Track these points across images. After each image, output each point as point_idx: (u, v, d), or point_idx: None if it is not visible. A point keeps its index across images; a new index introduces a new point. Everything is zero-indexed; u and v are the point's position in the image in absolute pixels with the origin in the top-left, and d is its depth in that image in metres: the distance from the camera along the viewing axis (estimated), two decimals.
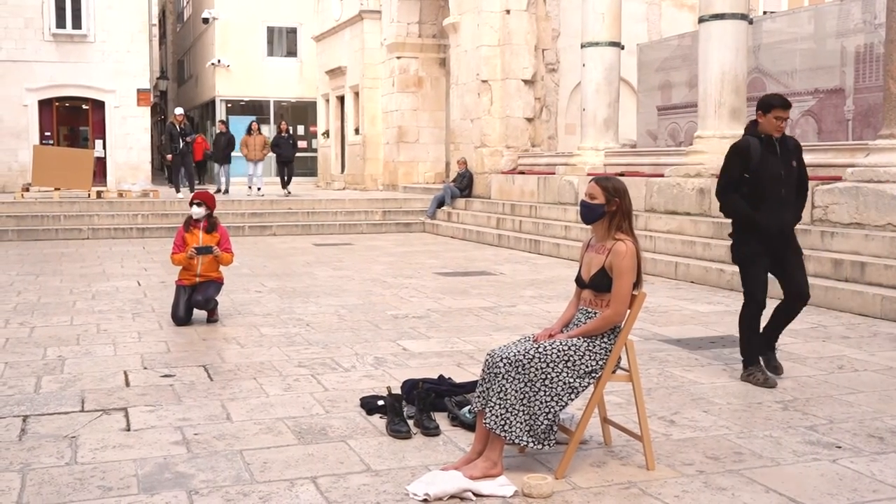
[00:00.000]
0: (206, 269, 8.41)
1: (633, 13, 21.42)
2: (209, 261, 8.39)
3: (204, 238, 8.34)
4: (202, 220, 8.38)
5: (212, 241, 8.35)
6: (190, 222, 8.42)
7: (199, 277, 8.39)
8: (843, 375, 6.28)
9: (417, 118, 25.05)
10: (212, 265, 8.44)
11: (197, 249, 8.26)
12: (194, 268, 8.37)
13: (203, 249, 8.28)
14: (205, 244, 8.31)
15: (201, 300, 8.31)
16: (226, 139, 24.01)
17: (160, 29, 50.34)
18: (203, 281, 8.40)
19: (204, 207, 8.35)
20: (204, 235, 8.35)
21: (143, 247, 16.05)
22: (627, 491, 4.05)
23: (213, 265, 8.46)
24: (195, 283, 8.38)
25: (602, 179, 4.53)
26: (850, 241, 10.06)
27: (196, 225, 8.37)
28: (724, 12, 13.11)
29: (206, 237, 8.35)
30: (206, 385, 6.01)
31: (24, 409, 5.39)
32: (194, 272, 8.38)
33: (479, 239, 17.25)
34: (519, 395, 4.20)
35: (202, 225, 8.37)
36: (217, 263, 8.46)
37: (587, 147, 16.91)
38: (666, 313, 8.91)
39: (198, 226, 8.37)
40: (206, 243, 8.33)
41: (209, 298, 8.37)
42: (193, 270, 8.38)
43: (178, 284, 8.44)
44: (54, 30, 27.11)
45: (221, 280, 8.64)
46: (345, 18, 28.30)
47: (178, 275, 8.51)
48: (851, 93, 14.05)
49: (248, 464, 4.40)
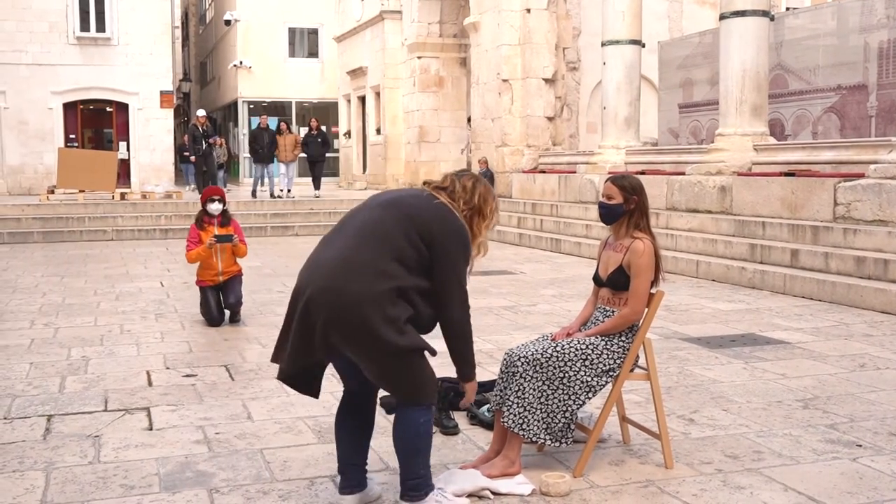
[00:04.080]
0: (227, 264, 8.42)
1: (653, 11, 21.33)
2: (227, 255, 8.41)
3: (219, 232, 8.37)
4: (217, 216, 8.43)
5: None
6: (203, 219, 8.41)
7: (223, 275, 8.40)
8: (865, 374, 6.25)
9: (438, 118, 25.06)
10: (230, 259, 8.45)
11: (217, 238, 8.27)
12: (215, 266, 8.37)
13: (223, 238, 8.29)
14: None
15: (234, 302, 8.37)
16: (269, 136, 22.49)
17: (183, 31, 50.59)
18: (227, 279, 8.42)
19: (221, 203, 8.39)
20: (218, 230, 8.39)
21: (166, 248, 16.16)
22: (645, 489, 4.06)
23: (231, 259, 8.47)
24: (219, 282, 8.41)
25: (618, 178, 4.53)
26: (874, 238, 9.99)
27: (210, 221, 8.38)
28: (746, 9, 13.06)
29: (220, 231, 8.39)
30: (227, 385, 6.06)
31: (48, 408, 5.46)
32: (216, 270, 8.37)
33: (501, 238, 17.25)
34: (537, 393, 4.22)
35: (216, 220, 8.41)
36: (234, 257, 8.49)
37: (608, 145, 16.88)
38: (687, 311, 8.89)
39: (212, 222, 8.38)
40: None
41: (239, 299, 8.43)
42: (215, 269, 8.38)
43: (201, 286, 8.45)
44: (78, 33, 27.33)
45: (241, 272, 8.66)
46: (366, 19, 28.37)
47: (198, 275, 8.50)
48: (875, 89, 13.93)
49: (268, 462, 4.44)
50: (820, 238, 10.69)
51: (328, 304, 3.50)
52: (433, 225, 3.61)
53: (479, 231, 3.86)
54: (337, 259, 3.57)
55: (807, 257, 10.30)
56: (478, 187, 3.86)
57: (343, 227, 3.74)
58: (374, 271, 3.50)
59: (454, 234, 3.66)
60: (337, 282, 3.50)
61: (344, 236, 3.66)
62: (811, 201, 11.38)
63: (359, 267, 3.51)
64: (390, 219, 3.62)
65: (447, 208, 3.71)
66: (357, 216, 3.74)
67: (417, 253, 3.57)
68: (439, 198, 3.74)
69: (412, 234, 3.58)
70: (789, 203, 11.74)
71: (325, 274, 3.56)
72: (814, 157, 12.16)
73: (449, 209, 3.71)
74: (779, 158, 12.71)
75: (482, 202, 3.84)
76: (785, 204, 11.81)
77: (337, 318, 3.49)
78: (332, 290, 3.49)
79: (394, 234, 3.58)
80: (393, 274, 3.51)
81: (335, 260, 3.57)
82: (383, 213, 3.65)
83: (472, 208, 3.82)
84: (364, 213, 3.72)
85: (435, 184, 3.86)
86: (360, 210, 3.78)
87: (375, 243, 3.56)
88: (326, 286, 3.51)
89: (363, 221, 3.67)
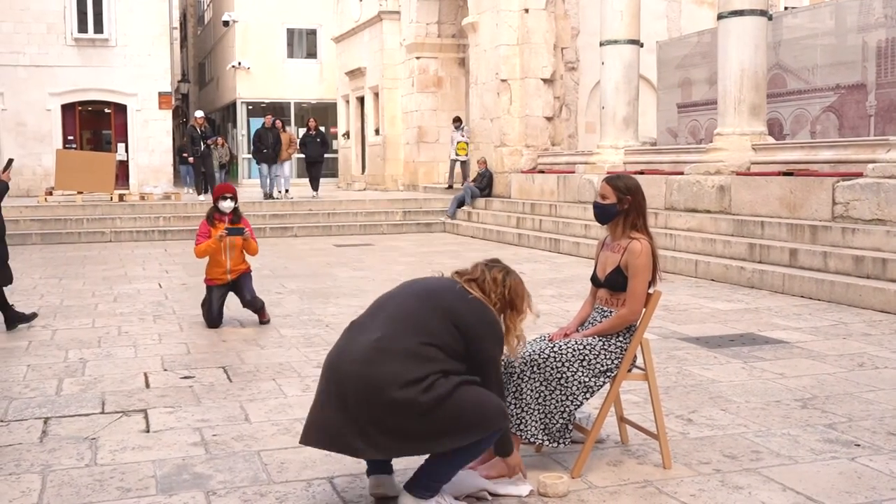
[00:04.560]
0: (235, 262, 8.37)
1: (652, 10, 21.34)
2: (237, 253, 8.36)
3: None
4: (228, 214, 8.37)
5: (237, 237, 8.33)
6: (214, 216, 8.36)
7: (231, 273, 8.36)
8: (864, 373, 6.24)
9: (437, 118, 25.05)
10: (239, 257, 8.40)
11: (228, 230, 8.21)
12: (223, 263, 8.32)
13: (234, 230, 8.24)
14: (232, 238, 8.25)
15: (249, 299, 8.31)
16: (273, 135, 21.91)
17: (181, 32, 50.62)
18: (236, 277, 8.37)
19: (232, 201, 8.35)
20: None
21: (164, 249, 16.15)
22: (643, 490, 4.05)
23: (241, 256, 8.42)
24: (227, 281, 8.37)
25: (613, 178, 4.52)
26: (872, 237, 9.99)
27: (221, 219, 8.33)
28: (744, 9, 13.07)
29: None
30: (225, 386, 6.05)
31: (45, 411, 5.45)
32: (224, 268, 8.32)
33: (500, 238, 17.25)
34: (534, 394, 4.21)
35: (227, 218, 8.35)
36: (243, 255, 8.44)
37: (607, 145, 16.88)
38: (685, 311, 8.88)
39: (223, 219, 8.33)
40: (232, 238, 8.26)
41: (255, 295, 8.38)
42: (223, 266, 8.32)
43: (208, 284, 8.42)
44: (76, 34, 27.31)
45: (250, 269, 8.62)
46: (364, 19, 28.36)
47: (206, 273, 8.45)
48: (873, 88, 13.93)
49: (265, 464, 4.43)
50: (818, 237, 10.69)
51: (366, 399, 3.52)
52: (468, 318, 3.70)
53: (512, 325, 3.93)
54: (371, 344, 3.61)
55: (805, 257, 10.29)
56: (507, 281, 3.91)
57: (375, 313, 3.79)
58: (412, 355, 3.57)
59: (489, 330, 3.76)
60: (372, 367, 3.54)
61: (378, 323, 3.70)
62: (810, 201, 11.37)
63: (393, 352, 3.57)
64: (426, 309, 3.69)
65: (481, 304, 3.78)
66: (389, 304, 3.80)
67: (454, 340, 3.65)
68: (473, 292, 3.80)
69: (448, 324, 3.65)
70: (788, 202, 11.74)
71: (358, 359, 3.59)
72: (812, 156, 12.16)
73: (483, 304, 3.78)
74: (777, 158, 12.70)
75: (514, 295, 3.91)
76: (783, 203, 11.81)
77: (378, 413, 3.51)
78: (367, 378, 3.53)
79: (430, 322, 3.65)
80: (432, 357, 3.58)
81: (369, 346, 3.61)
82: (418, 305, 3.72)
83: (504, 301, 3.88)
84: (398, 301, 3.79)
85: (466, 275, 3.90)
86: (393, 298, 3.84)
87: (412, 329, 3.63)
88: (362, 373, 3.55)
89: (397, 309, 3.74)
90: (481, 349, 3.71)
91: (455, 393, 3.57)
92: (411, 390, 3.49)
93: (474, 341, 3.69)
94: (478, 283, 3.87)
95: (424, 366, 3.55)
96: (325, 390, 3.69)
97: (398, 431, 3.54)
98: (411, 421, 3.52)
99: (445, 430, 3.56)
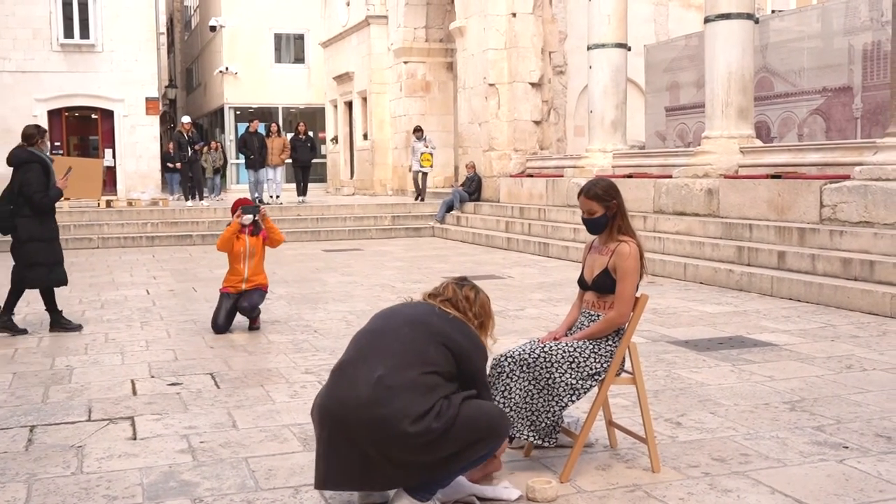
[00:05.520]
0: (253, 272, 8.40)
1: (639, 14, 21.37)
2: (255, 261, 8.41)
3: (251, 241, 8.42)
4: (248, 226, 8.43)
5: (258, 244, 8.46)
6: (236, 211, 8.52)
7: (247, 283, 8.37)
8: (852, 375, 6.25)
9: (425, 123, 24.98)
10: (258, 266, 8.46)
11: (243, 209, 8.38)
12: (241, 272, 8.36)
13: (249, 209, 8.43)
14: (251, 246, 8.40)
15: (247, 307, 8.32)
16: (259, 141, 21.70)
17: (168, 37, 50.52)
18: (249, 288, 8.39)
19: (253, 214, 8.46)
20: (250, 239, 8.42)
21: (152, 255, 16.09)
22: (632, 494, 4.04)
23: (260, 268, 8.48)
24: (240, 290, 8.37)
25: (590, 191, 4.48)
26: (859, 239, 10.01)
27: (242, 231, 8.42)
28: (730, 12, 13.09)
29: (252, 240, 8.43)
30: (212, 393, 6.02)
31: (31, 419, 5.41)
32: (241, 276, 8.37)
33: (489, 242, 17.24)
34: (522, 393, 4.23)
35: (247, 230, 8.43)
36: (262, 265, 8.51)
37: (595, 149, 16.88)
38: (674, 314, 8.89)
39: (243, 231, 8.42)
40: (252, 246, 8.41)
41: (254, 305, 8.39)
42: (240, 274, 8.37)
43: (222, 292, 8.45)
44: (62, 40, 27.21)
45: (266, 287, 8.64)
46: (351, 24, 28.35)
47: (224, 281, 8.51)
48: (860, 91, 13.98)
49: (253, 471, 4.40)
50: (806, 240, 10.71)
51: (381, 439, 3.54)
52: (457, 338, 3.80)
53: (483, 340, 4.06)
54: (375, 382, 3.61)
55: (793, 259, 10.31)
56: (478, 299, 4.04)
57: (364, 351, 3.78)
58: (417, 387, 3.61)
59: (475, 344, 3.87)
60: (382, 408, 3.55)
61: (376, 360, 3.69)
62: (797, 203, 11.40)
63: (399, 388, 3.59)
64: (421, 338, 3.75)
65: (464, 323, 3.90)
66: (379, 339, 3.80)
67: (448, 363, 3.74)
68: (451, 312, 3.91)
69: (442, 348, 3.73)
70: (776, 205, 11.76)
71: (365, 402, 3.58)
72: (800, 159, 12.19)
73: (465, 323, 3.91)
74: (765, 161, 12.73)
75: (486, 315, 4.05)
76: (771, 206, 11.83)
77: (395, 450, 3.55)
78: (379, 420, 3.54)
79: (427, 350, 3.72)
80: (435, 385, 3.65)
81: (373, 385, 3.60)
82: (413, 335, 3.77)
83: (479, 318, 4.02)
84: (389, 335, 3.80)
85: (440, 297, 3.98)
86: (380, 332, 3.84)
87: (411, 360, 3.67)
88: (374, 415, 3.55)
89: (392, 342, 3.76)
90: (471, 364, 3.82)
91: (462, 412, 3.64)
92: (423, 422, 3.54)
93: (465, 359, 3.78)
94: (452, 302, 3.96)
95: (430, 395, 3.60)
96: (327, 438, 3.66)
97: (415, 462, 3.58)
98: (428, 449, 3.56)
99: (461, 448, 3.63)
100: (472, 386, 3.82)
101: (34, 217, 8.29)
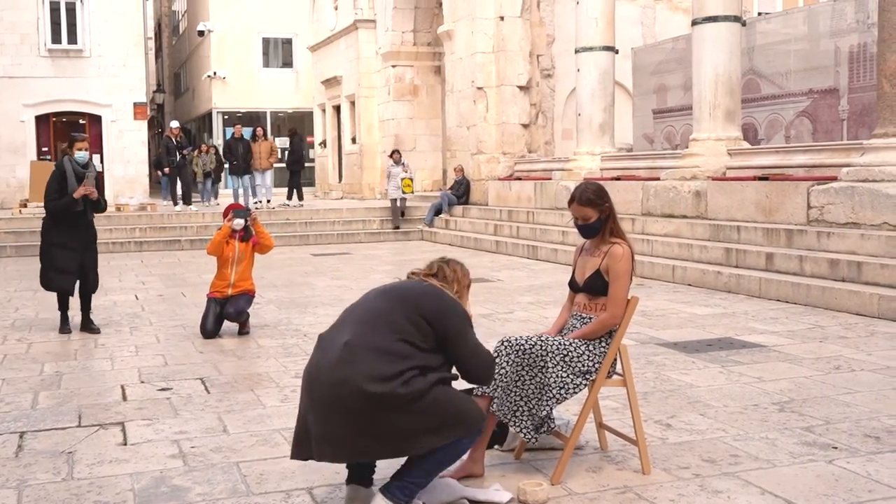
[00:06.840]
0: (240, 277, 8.42)
1: (627, 17, 21.43)
2: (243, 267, 8.42)
3: (240, 246, 8.44)
4: (239, 231, 8.45)
5: (247, 250, 8.49)
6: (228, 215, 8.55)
7: (233, 288, 8.37)
8: (840, 376, 6.28)
9: (414, 126, 25.05)
10: (245, 272, 8.47)
11: (235, 213, 8.43)
12: (227, 277, 8.37)
13: (239, 213, 8.47)
14: (240, 251, 8.43)
15: (233, 312, 8.30)
16: (244, 146, 21.69)
17: (156, 42, 50.39)
18: (235, 294, 8.38)
19: (244, 219, 8.48)
20: (240, 244, 8.43)
21: (140, 260, 16.05)
22: (623, 496, 4.05)
23: (247, 274, 8.50)
24: (227, 296, 8.37)
25: (583, 196, 4.48)
26: (847, 240, 10.07)
27: (232, 236, 8.43)
28: (717, 15, 13.15)
29: (241, 245, 8.44)
30: (203, 398, 6.01)
31: (20, 425, 5.39)
32: (227, 281, 8.37)
33: (477, 246, 17.25)
34: (514, 376, 4.25)
35: (238, 235, 8.45)
36: (250, 271, 8.53)
37: (583, 152, 16.92)
38: (663, 316, 8.91)
39: (233, 236, 8.43)
40: (241, 251, 8.43)
41: (241, 311, 8.37)
42: (227, 280, 8.37)
43: (209, 297, 8.45)
44: (50, 45, 27.09)
45: (253, 292, 8.65)
46: (339, 28, 28.34)
47: (211, 286, 8.52)
48: (846, 92, 14.06)
49: (244, 476, 4.40)
50: (794, 241, 10.76)
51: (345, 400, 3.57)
52: (430, 303, 3.83)
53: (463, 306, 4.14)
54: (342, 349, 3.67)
55: (781, 260, 10.36)
56: (463, 271, 4.22)
57: (343, 321, 3.87)
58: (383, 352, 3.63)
59: (451, 307, 3.89)
60: (346, 368, 3.60)
61: (347, 329, 3.77)
62: (785, 205, 11.45)
63: (364, 351, 3.63)
64: (392, 306, 3.81)
65: (438, 288, 3.97)
66: (356, 310, 3.90)
67: (425, 333, 3.74)
68: (430, 281, 4.02)
69: (416, 317, 3.75)
70: (763, 207, 11.81)
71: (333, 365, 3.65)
72: (787, 160, 12.24)
73: (439, 288, 3.98)
74: (752, 163, 12.78)
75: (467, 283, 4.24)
76: (759, 208, 11.88)
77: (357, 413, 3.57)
78: (342, 380, 3.59)
79: (398, 319, 3.74)
80: (406, 354, 3.65)
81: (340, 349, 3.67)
82: (384, 304, 3.84)
83: (462, 287, 4.18)
84: (363, 305, 3.90)
85: (424, 272, 4.12)
86: (358, 304, 3.95)
87: (381, 327, 3.71)
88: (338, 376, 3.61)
89: (364, 312, 3.84)
90: (448, 327, 3.80)
91: (433, 390, 3.64)
92: (388, 384, 3.54)
93: (440, 322, 3.78)
94: (437, 277, 4.07)
95: (398, 362, 3.61)
96: (310, 406, 3.70)
97: (377, 430, 3.57)
98: (389, 417, 3.55)
99: (424, 428, 3.61)
100: (455, 350, 3.82)
101: (50, 221, 8.83)
